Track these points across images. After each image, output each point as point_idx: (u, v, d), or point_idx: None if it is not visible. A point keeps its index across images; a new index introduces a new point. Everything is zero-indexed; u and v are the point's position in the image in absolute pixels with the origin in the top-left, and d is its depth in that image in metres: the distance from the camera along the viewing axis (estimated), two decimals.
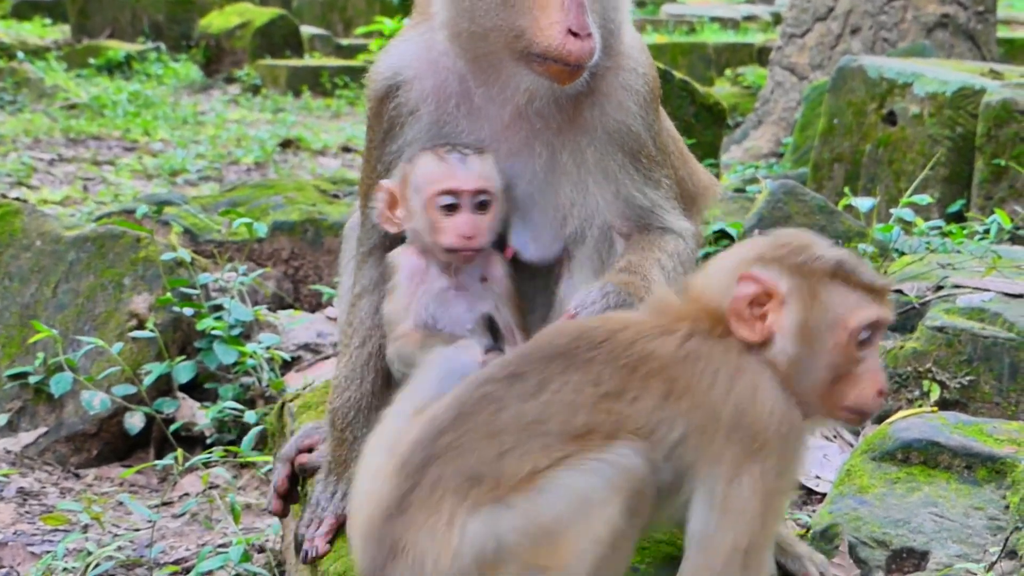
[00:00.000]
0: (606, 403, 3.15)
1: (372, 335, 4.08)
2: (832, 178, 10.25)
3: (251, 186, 8.87)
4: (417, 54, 4.02)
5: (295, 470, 4.33)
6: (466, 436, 3.13)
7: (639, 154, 4.00)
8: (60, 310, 6.59)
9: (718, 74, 20.20)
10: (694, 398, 3.19)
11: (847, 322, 3.30)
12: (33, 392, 6.43)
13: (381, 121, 4.05)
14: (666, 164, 4.08)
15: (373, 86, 4.07)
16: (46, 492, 6.04)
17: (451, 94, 3.98)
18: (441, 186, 3.89)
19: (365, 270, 4.14)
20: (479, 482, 3.06)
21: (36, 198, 11.55)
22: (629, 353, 3.22)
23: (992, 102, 9.22)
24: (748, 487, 3.17)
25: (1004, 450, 4.91)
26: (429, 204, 3.90)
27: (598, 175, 3.96)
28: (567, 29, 3.69)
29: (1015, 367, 6.05)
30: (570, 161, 3.97)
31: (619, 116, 3.97)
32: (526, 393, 3.17)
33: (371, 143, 4.12)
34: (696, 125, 10.86)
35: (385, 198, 3.98)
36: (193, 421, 6.30)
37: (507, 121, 3.96)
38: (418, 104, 4.00)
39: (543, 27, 3.71)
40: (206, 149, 14.56)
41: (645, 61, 4.07)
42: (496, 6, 3.76)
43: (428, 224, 3.92)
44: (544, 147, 3.97)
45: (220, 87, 20.11)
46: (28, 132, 14.77)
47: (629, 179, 3.99)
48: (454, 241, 3.90)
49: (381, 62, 4.10)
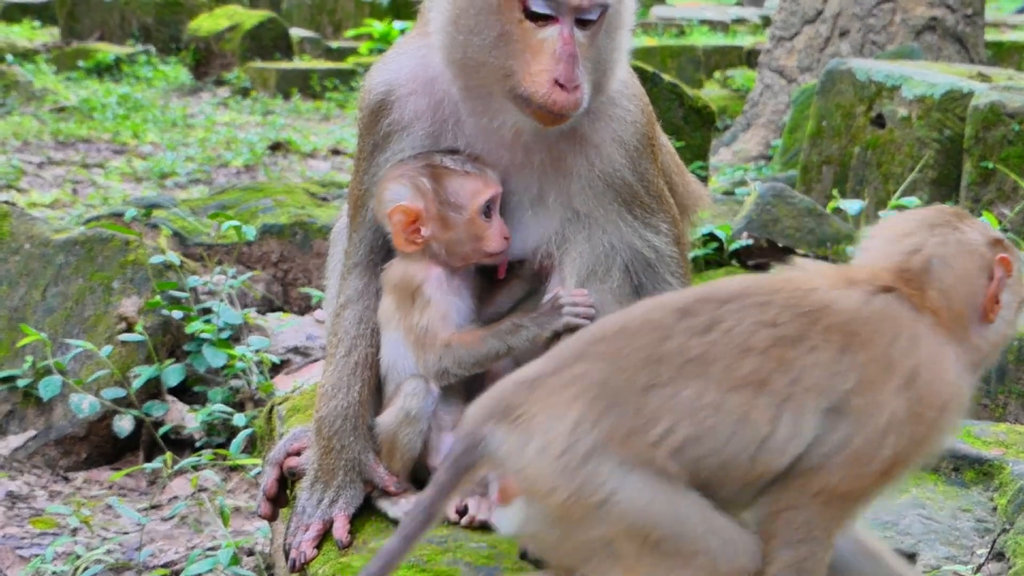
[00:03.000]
0: (780, 349, 3.03)
1: (358, 344, 4.08)
2: (821, 181, 10.26)
3: (240, 189, 8.86)
4: (414, 71, 4.01)
5: (284, 473, 4.33)
6: (622, 351, 3.01)
7: (632, 203, 4.01)
8: (49, 313, 6.59)
9: (707, 77, 20.19)
10: (872, 352, 3.08)
11: None
12: (22, 396, 6.43)
13: (373, 133, 4.05)
14: (663, 209, 4.08)
15: (368, 98, 4.07)
16: (35, 496, 6.04)
17: (446, 116, 3.98)
18: (485, 196, 3.94)
19: (351, 280, 4.14)
20: (617, 410, 2.94)
21: (25, 201, 11.54)
22: (810, 301, 3.09)
23: (980, 105, 9.23)
24: (890, 444, 3.08)
25: (991, 452, 4.93)
26: (475, 216, 3.94)
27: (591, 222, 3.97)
28: (555, 80, 3.68)
29: (1002, 369, 6.07)
30: (556, 203, 3.98)
31: (608, 168, 3.96)
32: (694, 329, 3.03)
33: (361, 153, 4.12)
34: (685, 128, 10.86)
35: (403, 219, 3.97)
36: (182, 424, 6.30)
37: (496, 151, 3.97)
38: (412, 121, 4.00)
39: (532, 73, 3.70)
40: (195, 152, 14.55)
41: (636, 109, 4.05)
42: (490, 43, 3.75)
43: (473, 235, 3.96)
44: (533, 183, 3.98)
45: (210, 90, 20.09)
46: (17, 135, 14.76)
47: (627, 227, 4.00)
48: (499, 244, 3.98)
49: (377, 74, 4.09)
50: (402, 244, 3.99)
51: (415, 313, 3.96)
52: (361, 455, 4.01)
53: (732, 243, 7.34)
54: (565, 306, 3.90)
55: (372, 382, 4.08)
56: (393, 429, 3.95)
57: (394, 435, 3.95)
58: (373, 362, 4.08)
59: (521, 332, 3.92)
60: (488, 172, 3.96)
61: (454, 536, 3.85)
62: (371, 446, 4.03)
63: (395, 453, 3.97)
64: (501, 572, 3.69)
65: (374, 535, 3.91)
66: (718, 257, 7.42)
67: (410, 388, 3.95)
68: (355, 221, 4.15)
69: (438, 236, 3.97)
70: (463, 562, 3.71)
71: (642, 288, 4.04)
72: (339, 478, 4.00)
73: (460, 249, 3.98)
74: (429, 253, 4.00)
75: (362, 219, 4.11)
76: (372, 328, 4.08)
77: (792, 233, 7.47)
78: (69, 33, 22.57)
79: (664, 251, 4.05)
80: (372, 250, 4.12)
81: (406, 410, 3.94)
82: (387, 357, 4.04)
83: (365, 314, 4.09)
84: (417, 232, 3.97)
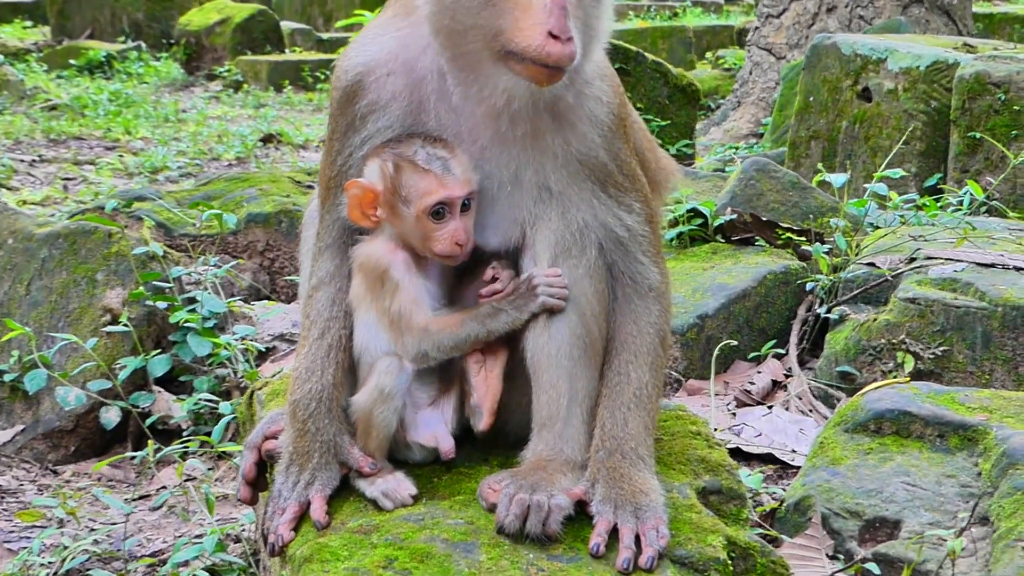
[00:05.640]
0: None
1: (331, 326, 4.07)
2: (809, 156, 10.26)
3: (226, 180, 8.85)
4: (392, 51, 3.99)
5: (262, 457, 4.33)
6: None
7: (606, 182, 4.00)
8: (34, 307, 6.58)
9: (699, 57, 20.20)
10: None
11: None
12: (9, 390, 6.43)
13: (347, 114, 4.03)
14: (635, 188, 4.08)
15: (342, 78, 4.04)
16: (23, 489, 6.04)
17: (429, 92, 3.96)
18: (434, 199, 3.89)
19: (322, 262, 4.14)
20: None
21: (16, 199, 11.55)
22: None
23: (965, 75, 9.23)
24: None
25: (976, 418, 4.94)
26: (421, 216, 3.91)
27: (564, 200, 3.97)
28: (547, 32, 3.66)
29: (987, 336, 6.08)
30: (531, 182, 3.97)
31: (583, 147, 3.96)
32: None
33: (333, 135, 4.10)
34: (670, 106, 10.91)
35: (359, 195, 3.97)
36: (169, 414, 6.29)
37: (482, 121, 3.95)
38: (389, 102, 3.98)
39: (523, 28, 3.67)
40: (187, 146, 14.57)
41: (609, 89, 4.04)
42: (478, 5, 3.71)
43: (420, 233, 3.94)
44: (512, 158, 3.97)
45: (201, 84, 20.11)
46: (8, 134, 14.77)
47: (602, 205, 4.00)
48: (449, 249, 3.93)
49: (353, 55, 4.06)
50: (356, 217, 3.99)
51: (386, 297, 3.95)
52: (336, 437, 4.00)
53: (716, 219, 7.34)
54: (540, 286, 3.90)
55: (346, 364, 4.07)
56: (368, 407, 3.95)
57: (369, 413, 3.95)
58: (347, 344, 4.06)
59: (500, 316, 3.92)
60: (455, 173, 3.91)
61: (431, 513, 3.85)
62: (346, 428, 4.02)
63: (370, 431, 3.96)
64: (478, 548, 3.69)
65: (351, 515, 3.90)
66: (703, 233, 7.42)
67: (384, 366, 3.95)
68: (326, 203, 4.14)
69: (392, 222, 3.97)
70: (440, 539, 3.71)
71: (614, 267, 4.05)
72: (314, 460, 4.00)
73: (412, 242, 3.97)
74: (394, 235, 3.99)
75: (333, 201, 4.09)
76: (345, 310, 4.07)
77: (776, 207, 7.47)
78: (60, 31, 22.62)
79: (636, 230, 4.05)
80: (343, 231, 4.11)
81: (380, 387, 3.93)
82: (359, 339, 4.03)
83: (338, 296, 4.08)
84: (373, 210, 3.97)
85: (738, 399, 6.35)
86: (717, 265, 7.07)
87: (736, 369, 6.64)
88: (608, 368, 4.04)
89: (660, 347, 4.10)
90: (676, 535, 3.82)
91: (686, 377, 6.48)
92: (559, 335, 3.94)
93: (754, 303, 6.79)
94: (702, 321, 6.60)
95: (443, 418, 4.04)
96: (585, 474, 3.91)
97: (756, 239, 7.30)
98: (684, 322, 6.56)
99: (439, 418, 4.05)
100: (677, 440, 4.37)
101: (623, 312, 4.07)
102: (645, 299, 4.08)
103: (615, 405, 3.98)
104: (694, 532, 3.87)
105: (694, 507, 4.00)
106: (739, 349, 6.70)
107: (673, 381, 6.47)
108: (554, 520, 3.75)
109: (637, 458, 3.93)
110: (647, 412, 4.01)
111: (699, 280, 6.89)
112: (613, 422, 3.95)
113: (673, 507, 3.93)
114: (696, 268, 7.06)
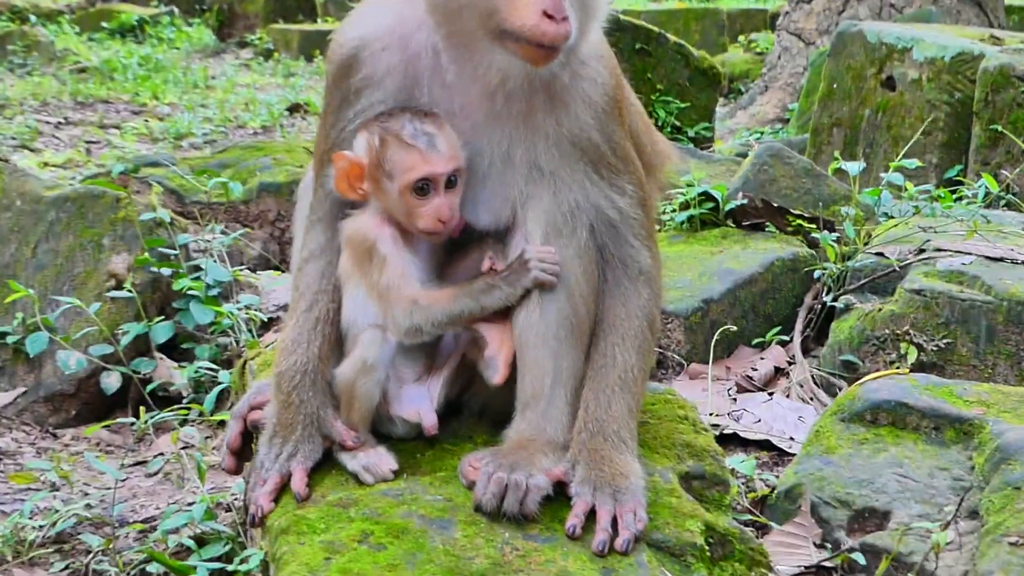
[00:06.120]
0: None
1: (319, 299, 4.08)
2: (831, 143, 10.21)
3: (242, 148, 8.83)
4: (389, 26, 3.98)
5: (248, 427, 4.33)
6: None
7: (599, 164, 3.99)
8: (40, 270, 6.59)
9: (732, 40, 20.09)
10: None
11: None
12: (12, 352, 6.44)
13: (341, 88, 4.03)
14: (628, 170, 4.06)
15: (338, 51, 4.04)
16: (22, 452, 6.06)
17: (424, 68, 3.95)
18: (416, 174, 3.89)
19: (313, 235, 4.14)
20: None
21: (38, 161, 11.58)
22: None
23: (990, 67, 9.17)
24: None
25: (972, 411, 4.91)
26: (404, 191, 3.91)
27: (556, 180, 3.96)
28: (543, 11, 3.65)
29: (991, 330, 6.05)
30: (522, 161, 3.96)
31: (575, 128, 3.95)
32: None
33: (328, 108, 4.10)
34: (691, 89, 10.86)
35: (346, 168, 3.96)
36: (170, 381, 6.30)
37: (476, 99, 3.94)
38: (383, 77, 3.97)
39: (518, 7, 3.66)
40: (214, 113, 14.57)
41: (604, 70, 4.03)
42: None
43: (404, 208, 3.93)
44: (504, 137, 3.96)
45: (233, 51, 20.13)
46: (36, 95, 14.79)
47: (594, 186, 3.98)
48: (432, 225, 3.92)
49: (349, 29, 4.05)
50: (343, 189, 3.99)
51: (374, 271, 3.95)
52: (320, 410, 4.01)
53: (727, 203, 7.30)
54: (532, 260, 3.89)
55: (332, 337, 4.07)
56: (351, 378, 3.94)
57: (352, 384, 3.95)
58: (334, 318, 4.07)
59: (494, 292, 3.92)
60: (440, 149, 3.89)
61: (411, 489, 3.85)
62: (330, 401, 4.03)
63: (353, 403, 3.96)
64: (455, 525, 3.69)
65: (332, 488, 3.90)
66: (714, 217, 7.39)
67: (367, 338, 3.95)
68: (319, 176, 4.14)
69: (377, 196, 3.96)
70: (417, 514, 3.71)
71: (605, 248, 4.04)
72: (298, 432, 4.00)
73: (397, 216, 3.96)
74: (380, 210, 3.99)
75: (325, 174, 4.09)
76: (334, 284, 4.07)
77: (789, 193, 7.42)
78: None
79: (628, 212, 4.04)
80: (335, 205, 4.11)
81: (363, 359, 3.93)
82: (347, 313, 4.03)
83: (327, 269, 4.08)
84: (360, 183, 3.96)
85: (739, 384, 6.33)
86: (726, 250, 7.04)
87: (740, 355, 6.61)
88: (595, 350, 4.03)
89: (648, 331, 4.08)
90: (654, 519, 3.82)
91: (689, 361, 6.46)
92: (547, 314, 3.94)
93: (761, 289, 6.76)
94: (707, 305, 6.57)
95: (428, 394, 4.04)
96: (567, 455, 3.90)
97: (767, 225, 7.26)
98: (689, 306, 6.53)
99: (424, 394, 4.05)
100: (663, 424, 4.35)
101: (612, 294, 4.06)
102: (635, 282, 4.07)
103: (599, 387, 3.97)
104: (672, 516, 3.87)
105: (675, 492, 4.00)
106: (744, 335, 6.68)
107: (676, 364, 6.44)
108: (532, 500, 3.75)
109: (619, 441, 3.92)
110: (632, 395, 4.00)
111: (707, 264, 6.86)
112: (597, 404, 3.95)
113: (653, 491, 3.92)
114: (705, 252, 7.03)
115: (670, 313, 6.46)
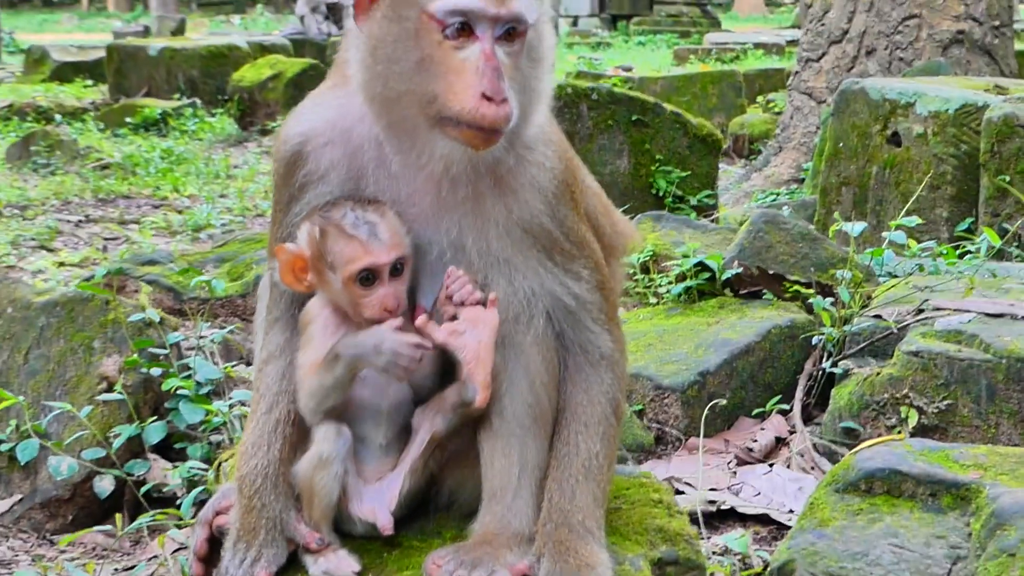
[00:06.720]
0: None
1: (279, 401, 4.04)
2: (840, 202, 10.15)
3: (240, 241, 8.85)
4: (331, 120, 3.95)
5: (214, 532, 4.29)
6: None
7: (552, 250, 3.94)
8: (32, 376, 6.58)
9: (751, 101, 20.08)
10: None
11: None
12: (7, 460, 6.42)
13: (288, 185, 4.00)
14: (584, 255, 4.01)
15: (282, 148, 4.01)
16: (18, 560, 6.02)
17: (368, 160, 3.92)
18: (358, 265, 3.85)
19: (272, 335, 4.11)
20: None
21: (54, 261, 11.62)
22: None
23: (993, 118, 9.11)
24: None
25: (969, 476, 4.81)
26: (347, 282, 3.87)
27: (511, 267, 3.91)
28: (481, 93, 3.61)
29: (992, 388, 5.95)
30: (474, 249, 3.91)
31: (526, 215, 3.90)
32: None
33: (277, 205, 4.08)
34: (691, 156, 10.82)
35: (289, 260, 3.94)
36: (164, 482, 6.26)
37: (422, 188, 3.90)
38: (327, 171, 3.94)
39: (457, 92, 3.61)
40: (233, 203, 14.61)
41: (553, 154, 3.97)
42: (409, 70, 3.67)
43: (349, 299, 3.90)
44: (454, 224, 3.91)
45: (255, 139, 20.22)
46: (58, 194, 14.86)
47: (548, 273, 3.94)
48: (378, 315, 3.88)
49: (293, 125, 4.03)
50: (289, 281, 3.96)
51: (300, 351, 3.93)
52: (283, 513, 3.97)
53: (723, 273, 7.25)
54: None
55: (294, 439, 4.03)
56: (309, 474, 3.90)
57: (310, 480, 3.90)
58: (295, 418, 4.03)
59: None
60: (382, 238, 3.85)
61: None
62: (293, 503, 3.99)
63: (313, 500, 3.92)
64: None
65: None
66: (711, 287, 7.33)
67: (321, 432, 3.91)
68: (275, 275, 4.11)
69: (321, 287, 3.93)
70: None
71: (564, 335, 3.99)
72: (261, 536, 3.96)
73: (343, 307, 3.93)
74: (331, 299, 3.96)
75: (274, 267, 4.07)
76: (294, 384, 4.03)
77: (786, 259, 7.35)
78: (117, 90, 22.83)
79: (585, 298, 3.99)
80: (292, 304, 4.08)
81: (319, 453, 3.89)
82: None
83: (287, 370, 4.05)
84: (304, 275, 3.93)
85: (739, 457, 6.25)
86: (723, 320, 6.98)
87: (740, 426, 6.53)
88: (557, 438, 3.98)
89: (613, 416, 4.03)
90: None
91: (687, 435, 6.38)
92: (511, 404, 3.89)
93: (759, 358, 6.68)
94: (703, 378, 6.50)
95: (386, 493, 3.99)
96: (532, 548, 3.85)
97: (764, 293, 7.20)
98: (685, 379, 6.46)
99: (383, 493, 3.99)
100: (636, 509, 4.29)
101: (574, 381, 4.01)
102: (597, 368, 4.01)
103: (563, 476, 3.92)
104: None
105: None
106: (744, 405, 6.60)
107: (674, 440, 6.37)
108: None
109: (585, 531, 3.86)
110: (596, 483, 3.94)
111: (703, 336, 6.79)
112: (561, 494, 3.89)
113: None
114: (701, 323, 6.97)
115: (666, 388, 6.40)
